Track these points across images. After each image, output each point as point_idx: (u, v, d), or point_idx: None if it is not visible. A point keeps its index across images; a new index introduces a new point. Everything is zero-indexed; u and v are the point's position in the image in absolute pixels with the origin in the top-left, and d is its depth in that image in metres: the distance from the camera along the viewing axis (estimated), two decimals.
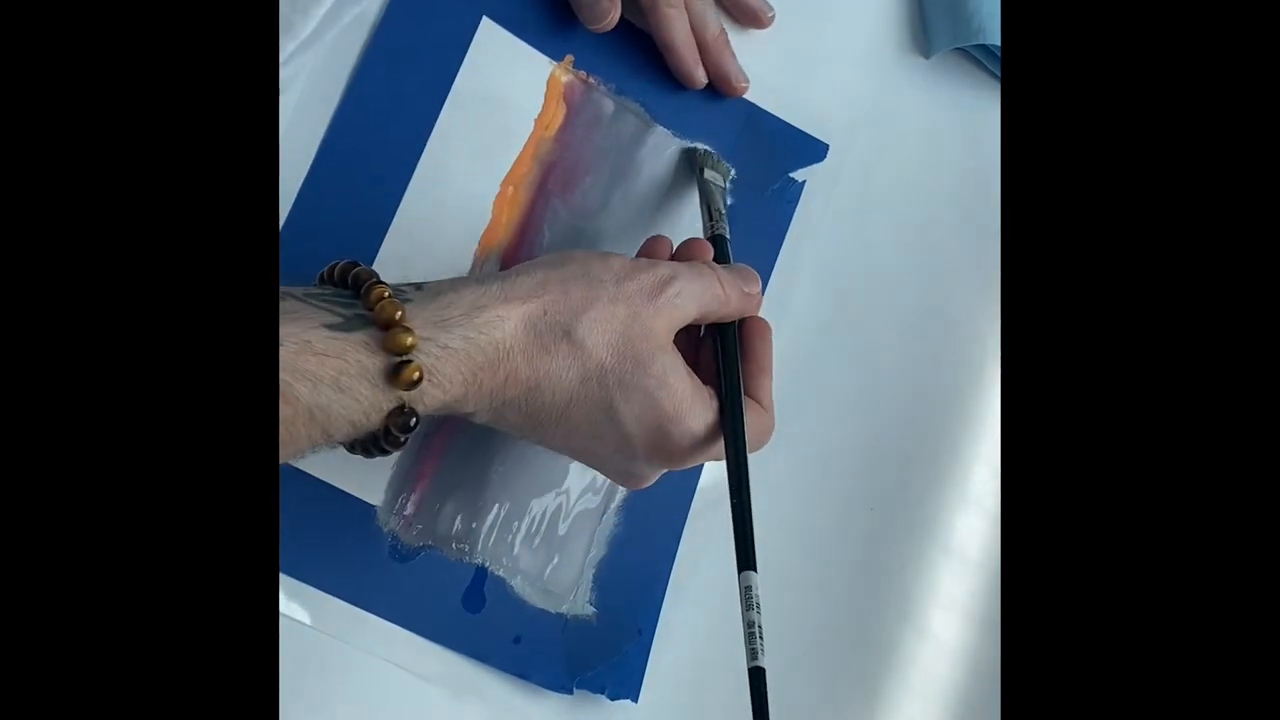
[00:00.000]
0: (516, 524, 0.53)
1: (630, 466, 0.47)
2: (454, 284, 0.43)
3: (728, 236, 0.53)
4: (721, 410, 0.47)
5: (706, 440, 0.46)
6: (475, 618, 0.52)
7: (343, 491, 0.51)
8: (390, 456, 0.51)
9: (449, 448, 0.52)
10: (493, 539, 0.52)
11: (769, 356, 0.50)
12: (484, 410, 0.44)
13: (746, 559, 0.45)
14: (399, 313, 0.40)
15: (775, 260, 0.59)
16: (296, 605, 0.49)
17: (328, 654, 0.49)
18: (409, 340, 0.40)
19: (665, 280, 0.46)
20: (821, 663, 0.57)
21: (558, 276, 0.45)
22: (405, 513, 0.51)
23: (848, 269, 0.60)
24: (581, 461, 0.49)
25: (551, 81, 0.56)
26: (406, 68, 0.53)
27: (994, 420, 0.62)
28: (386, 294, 0.40)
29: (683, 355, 0.47)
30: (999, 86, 0.64)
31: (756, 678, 0.42)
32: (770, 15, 0.59)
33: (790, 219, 0.59)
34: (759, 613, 0.43)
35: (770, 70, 0.60)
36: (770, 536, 0.55)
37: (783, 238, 0.59)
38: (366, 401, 0.40)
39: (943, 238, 0.62)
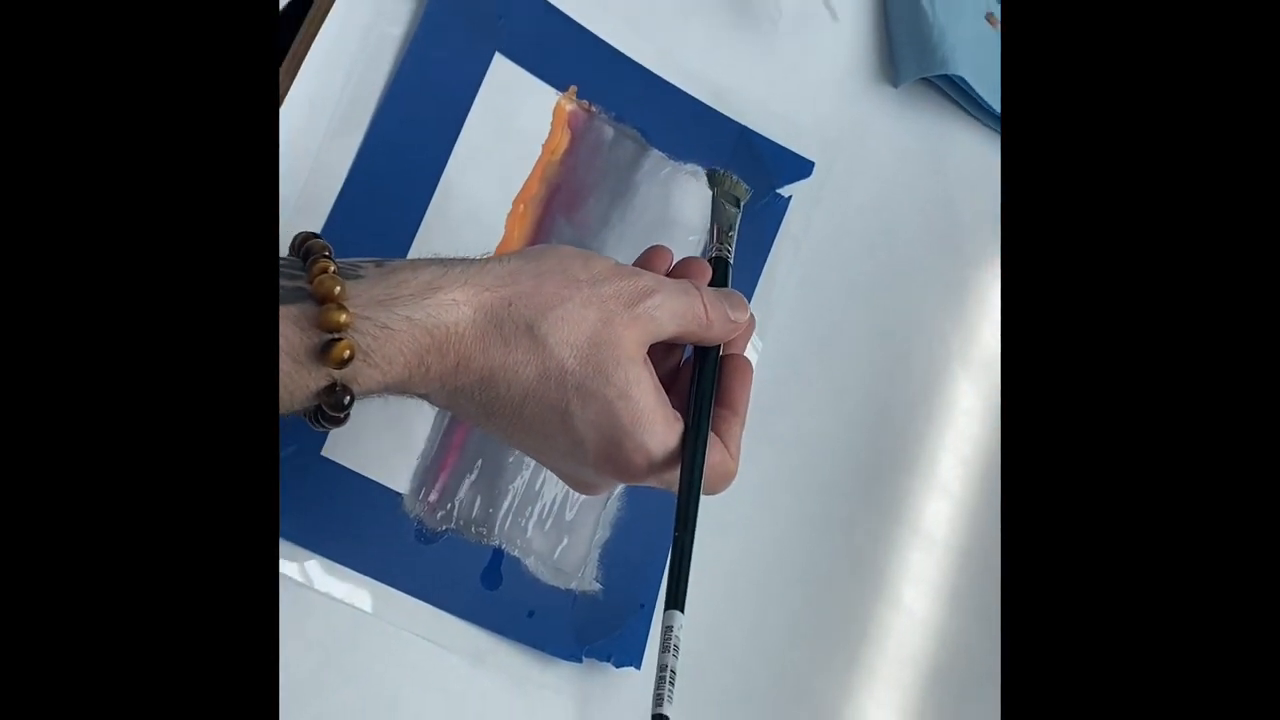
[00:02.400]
0: (529, 509, 0.53)
1: (580, 473, 0.44)
2: (414, 263, 0.40)
3: (730, 260, 0.49)
4: (684, 436, 0.42)
5: (663, 463, 0.42)
6: (493, 594, 0.52)
7: (373, 481, 0.51)
8: (415, 449, 0.52)
9: (469, 440, 0.53)
10: (508, 523, 0.53)
11: (745, 400, 0.45)
12: (437, 394, 0.40)
13: (676, 598, 0.40)
14: (337, 288, 0.36)
15: (762, 269, 0.59)
16: (332, 583, 0.49)
17: (360, 627, 0.50)
18: (341, 318, 0.36)
19: (645, 291, 0.42)
20: (806, 633, 0.57)
21: (532, 269, 0.41)
22: (429, 500, 0.52)
23: (827, 277, 0.61)
24: (536, 460, 0.46)
25: (557, 110, 0.56)
26: (428, 98, 0.53)
27: (958, 414, 0.62)
28: (330, 269, 0.37)
29: (660, 376, 0.43)
30: (963, 113, 0.65)
31: None
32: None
33: (777, 231, 0.59)
34: (676, 656, 0.38)
35: (756, 96, 0.60)
36: (759, 522, 0.57)
37: (770, 248, 0.59)
38: (288, 378, 0.36)
39: (912, 250, 0.63)
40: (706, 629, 0.54)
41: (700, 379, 0.44)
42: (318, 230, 0.50)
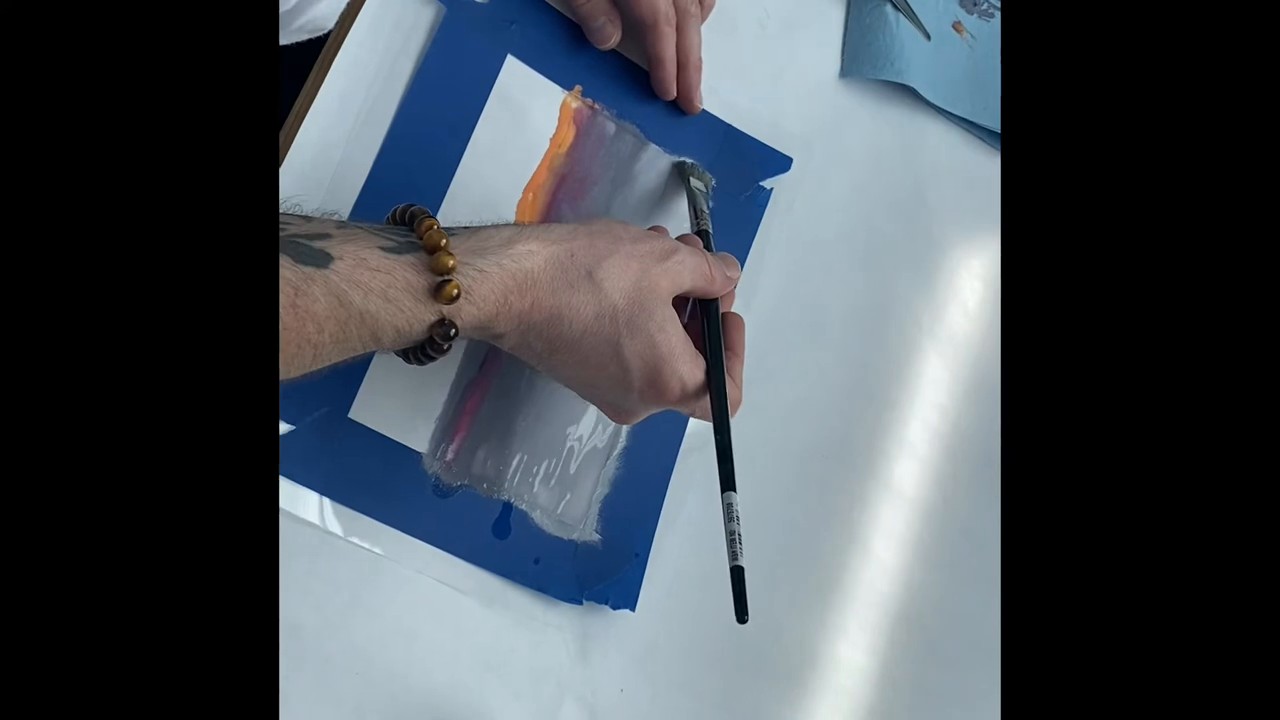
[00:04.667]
0: (536, 467, 0.53)
1: (624, 400, 0.47)
2: (495, 225, 0.44)
3: (710, 231, 0.53)
4: (708, 366, 0.47)
5: (694, 392, 0.46)
6: (503, 543, 0.52)
7: (395, 441, 0.51)
8: (433, 412, 0.52)
9: (482, 406, 0.53)
10: (516, 480, 0.53)
11: (743, 345, 0.50)
12: (512, 333, 0.43)
13: (728, 481, 0.46)
14: (444, 240, 0.40)
15: (747, 254, 0.59)
16: (358, 532, 0.49)
17: (383, 571, 0.50)
18: (450, 262, 0.40)
19: (672, 249, 0.46)
20: (786, 579, 0.57)
21: (586, 230, 0.45)
22: (446, 458, 0.52)
23: (806, 261, 0.60)
24: (583, 394, 0.48)
25: (564, 107, 0.56)
26: (446, 95, 0.53)
27: (926, 384, 0.62)
28: (435, 226, 0.41)
29: None
30: (931, 110, 0.64)
31: (737, 575, 0.43)
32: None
33: (760, 220, 0.59)
34: (739, 524, 0.45)
35: (744, 96, 0.60)
36: (744, 480, 0.55)
37: (754, 236, 0.59)
38: (409, 312, 0.39)
39: (884, 235, 0.62)
40: (695, 576, 0.55)
41: (709, 321, 0.49)
42: (346, 214, 0.50)
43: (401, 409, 0.51)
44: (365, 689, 0.49)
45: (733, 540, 0.44)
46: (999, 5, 0.68)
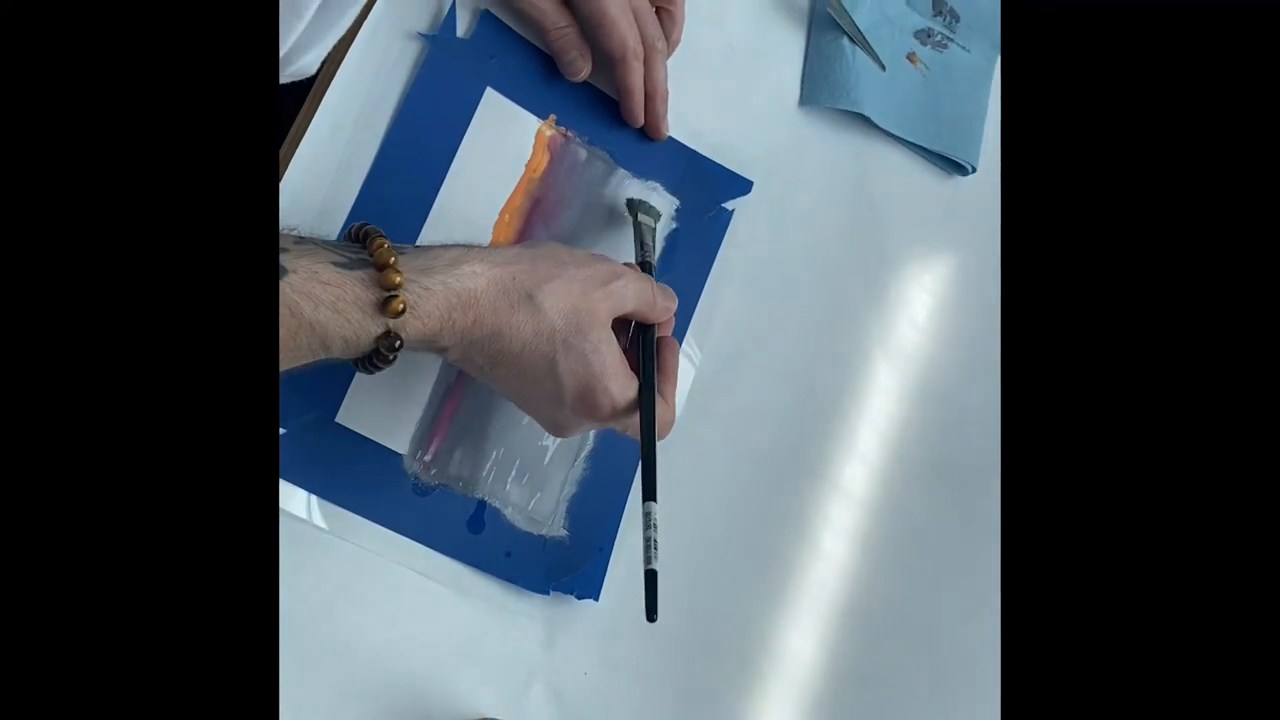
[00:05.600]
0: (509, 468, 0.55)
1: (558, 415, 0.48)
2: (444, 245, 0.45)
3: (654, 264, 0.55)
4: (640, 385, 0.48)
5: (624, 410, 0.47)
6: (477, 537, 0.53)
7: (377, 443, 0.52)
8: (413, 418, 0.53)
9: (458, 411, 0.54)
10: (490, 479, 0.54)
11: (676, 368, 0.52)
12: (455, 347, 0.45)
13: (650, 492, 0.47)
14: (392, 258, 0.41)
15: (709, 272, 0.60)
16: (343, 527, 0.51)
17: (365, 564, 0.51)
18: (397, 279, 0.41)
19: (615, 274, 0.48)
20: (740, 574, 0.59)
21: (530, 254, 0.46)
22: (424, 459, 0.53)
23: (765, 277, 0.62)
24: (521, 406, 0.49)
25: (538, 135, 0.57)
26: (430, 125, 0.55)
27: (876, 392, 0.63)
28: (385, 244, 0.42)
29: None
30: (885, 135, 0.66)
31: (650, 578, 0.45)
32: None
33: (721, 240, 0.61)
34: (655, 531, 0.46)
35: (708, 122, 0.62)
36: (702, 481, 0.58)
37: (715, 254, 0.61)
38: (357, 324, 0.41)
39: (838, 253, 0.64)
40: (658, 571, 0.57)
41: (644, 344, 0.50)
42: (334, 235, 0.52)
43: (384, 414, 0.53)
44: (348, 672, 0.50)
45: (648, 545, 0.45)
46: (952, 36, 0.70)
